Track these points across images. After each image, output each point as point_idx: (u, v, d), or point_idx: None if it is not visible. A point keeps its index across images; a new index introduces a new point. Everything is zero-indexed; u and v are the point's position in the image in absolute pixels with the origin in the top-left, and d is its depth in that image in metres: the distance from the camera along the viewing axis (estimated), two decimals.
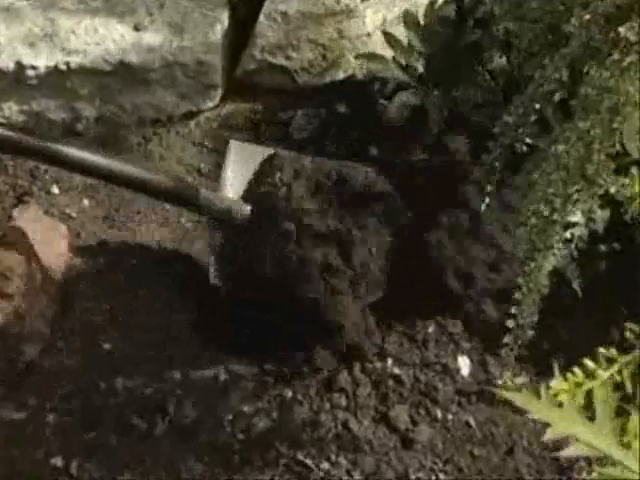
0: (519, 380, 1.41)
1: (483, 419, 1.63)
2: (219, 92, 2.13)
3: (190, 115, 2.12)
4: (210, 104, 2.12)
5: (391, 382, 1.68)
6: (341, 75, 2.16)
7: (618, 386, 0.66)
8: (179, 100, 2.09)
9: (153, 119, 2.10)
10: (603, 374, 0.57)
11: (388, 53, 2.04)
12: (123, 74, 2.03)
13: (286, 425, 1.63)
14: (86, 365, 1.73)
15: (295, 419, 1.62)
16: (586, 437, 0.71)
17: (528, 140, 1.37)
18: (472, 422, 1.63)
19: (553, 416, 0.71)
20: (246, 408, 1.66)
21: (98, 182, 2.03)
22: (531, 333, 1.25)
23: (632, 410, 0.73)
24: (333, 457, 1.58)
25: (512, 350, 1.22)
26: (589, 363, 0.58)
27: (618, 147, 1.11)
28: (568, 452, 0.73)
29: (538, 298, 1.23)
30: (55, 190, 2.03)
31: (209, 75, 2.08)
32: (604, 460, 0.71)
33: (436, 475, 1.58)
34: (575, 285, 1.39)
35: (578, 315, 1.62)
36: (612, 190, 1.13)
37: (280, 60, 2.13)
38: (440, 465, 1.59)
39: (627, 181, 1.18)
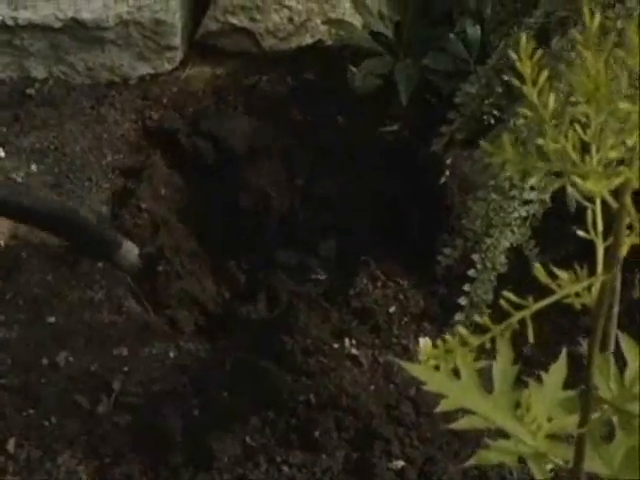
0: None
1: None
2: (178, 54, 2.14)
3: (147, 78, 2.14)
4: (169, 67, 2.14)
5: (348, 363, 1.71)
6: (308, 40, 2.18)
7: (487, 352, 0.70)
8: (135, 61, 2.10)
9: (107, 81, 2.12)
10: (474, 341, 0.61)
11: (358, 18, 2.07)
12: (75, 32, 2.04)
13: (239, 405, 1.66)
14: (28, 339, 1.75)
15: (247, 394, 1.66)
16: (482, 409, 0.74)
17: (495, 112, 1.41)
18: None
19: (450, 388, 0.75)
20: (196, 384, 1.69)
21: (48, 146, 2.05)
22: (487, 312, 1.29)
23: (531, 382, 0.77)
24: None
25: (465, 329, 1.25)
26: (462, 330, 0.62)
27: None
28: (461, 424, 0.77)
29: (494, 276, 1.26)
30: (1, 153, 2.04)
31: (167, 36, 2.09)
32: (499, 432, 0.75)
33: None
34: (534, 264, 1.42)
35: (536, 295, 1.64)
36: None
37: (244, 22, 2.15)
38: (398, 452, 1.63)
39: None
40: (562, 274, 0.60)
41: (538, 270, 0.60)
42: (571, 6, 1.21)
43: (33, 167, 2.04)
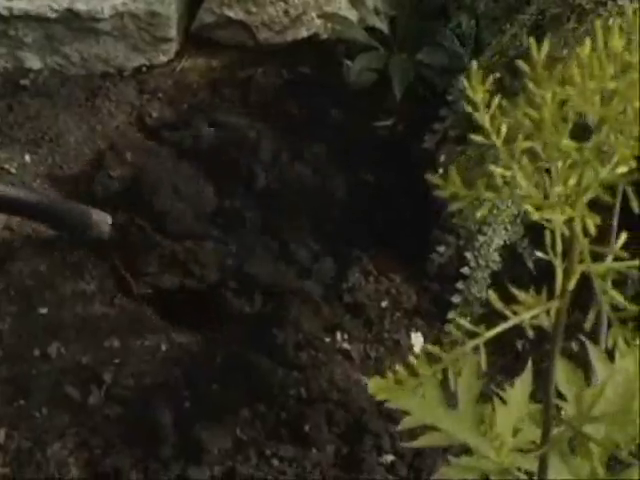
0: None
1: None
2: (174, 46, 2.14)
3: (142, 70, 2.14)
4: (164, 59, 2.14)
5: (339, 357, 1.72)
6: (304, 33, 2.18)
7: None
8: (130, 53, 2.10)
9: (102, 72, 2.12)
10: (426, 372, 0.60)
11: (353, 12, 2.07)
12: (70, 22, 2.04)
13: (230, 398, 1.66)
14: (19, 330, 1.75)
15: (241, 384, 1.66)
16: (446, 426, 0.74)
17: None
18: None
19: (413, 404, 0.74)
20: (187, 377, 1.69)
21: (42, 137, 2.05)
22: (480, 310, 1.29)
23: (495, 398, 0.76)
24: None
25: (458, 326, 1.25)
26: (413, 360, 0.61)
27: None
28: (422, 441, 0.76)
29: (487, 274, 1.27)
30: None
31: (163, 27, 2.09)
32: (463, 449, 0.74)
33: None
34: (529, 263, 1.43)
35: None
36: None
37: (239, 15, 2.15)
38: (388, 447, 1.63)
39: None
40: (520, 296, 0.60)
41: (492, 297, 0.60)
42: (564, 3, 1.21)
43: (27, 158, 2.04)
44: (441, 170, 1.46)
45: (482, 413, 0.75)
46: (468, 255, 1.29)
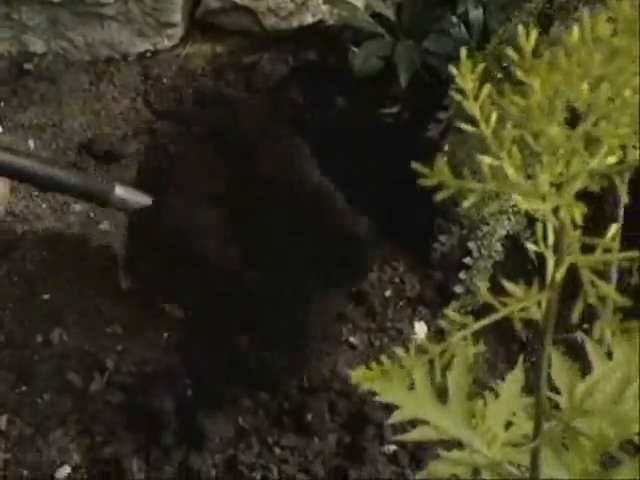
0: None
1: None
2: (179, 31, 2.14)
3: (147, 55, 2.14)
4: (169, 44, 2.14)
5: (344, 347, 1.73)
6: (310, 19, 2.17)
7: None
8: (135, 38, 2.10)
9: (106, 57, 2.12)
10: (412, 364, 0.60)
11: None
12: (74, 7, 2.04)
13: (232, 386, 1.67)
14: (22, 316, 1.76)
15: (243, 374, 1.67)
16: (436, 420, 0.74)
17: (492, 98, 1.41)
18: None
19: (403, 398, 0.74)
20: (190, 365, 1.70)
21: (46, 122, 2.06)
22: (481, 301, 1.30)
23: (486, 393, 0.76)
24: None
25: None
26: (399, 351, 0.61)
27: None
28: (412, 435, 0.76)
29: (490, 264, 1.27)
30: None
31: (167, 12, 2.09)
32: (453, 443, 0.74)
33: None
34: (531, 254, 1.43)
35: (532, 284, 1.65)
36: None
37: (245, 0, 2.15)
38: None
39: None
40: (511, 288, 0.60)
41: (482, 289, 0.60)
42: None
43: (31, 143, 2.05)
44: (445, 158, 1.45)
45: (473, 407, 0.75)
46: (471, 245, 1.29)
